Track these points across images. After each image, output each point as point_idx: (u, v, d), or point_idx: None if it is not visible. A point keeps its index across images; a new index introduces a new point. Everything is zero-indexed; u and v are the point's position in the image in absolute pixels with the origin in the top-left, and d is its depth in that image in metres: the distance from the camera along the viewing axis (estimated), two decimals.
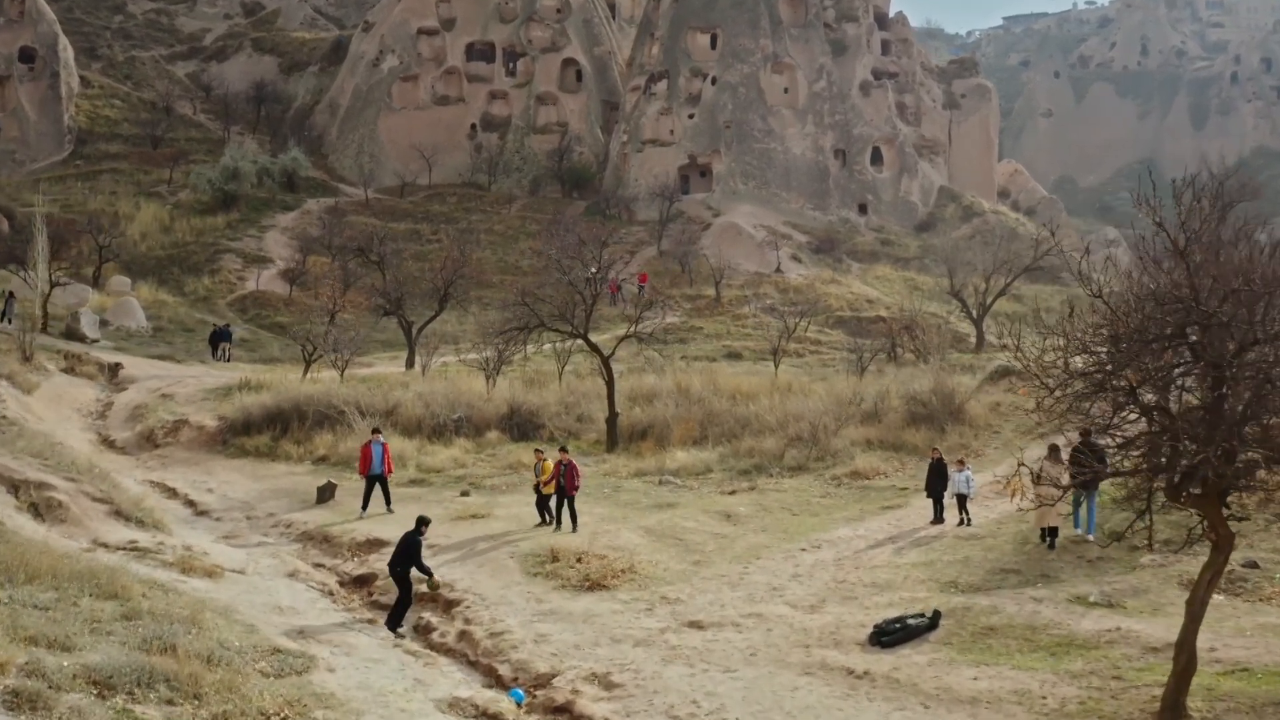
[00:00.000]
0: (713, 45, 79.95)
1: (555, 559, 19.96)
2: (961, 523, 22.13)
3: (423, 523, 18.13)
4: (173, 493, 28.14)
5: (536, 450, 25.00)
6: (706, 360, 53.21)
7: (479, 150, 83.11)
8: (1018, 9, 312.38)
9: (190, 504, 27.05)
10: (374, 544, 22.20)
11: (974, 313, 58.27)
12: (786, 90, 79.56)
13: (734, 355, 54.67)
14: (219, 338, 51.84)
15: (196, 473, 30.54)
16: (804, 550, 20.84)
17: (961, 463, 22.54)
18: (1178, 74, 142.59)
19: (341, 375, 39.40)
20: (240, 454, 32.45)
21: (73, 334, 50.67)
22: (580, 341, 34.11)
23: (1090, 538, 21.26)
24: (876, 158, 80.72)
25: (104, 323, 56.04)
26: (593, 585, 18.70)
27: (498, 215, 76.91)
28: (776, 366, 47.07)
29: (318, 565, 21.46)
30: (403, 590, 17.54)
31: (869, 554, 20.41)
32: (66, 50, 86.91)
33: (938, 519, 22.51)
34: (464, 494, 26.64)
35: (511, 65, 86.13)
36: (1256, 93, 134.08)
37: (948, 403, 30.74)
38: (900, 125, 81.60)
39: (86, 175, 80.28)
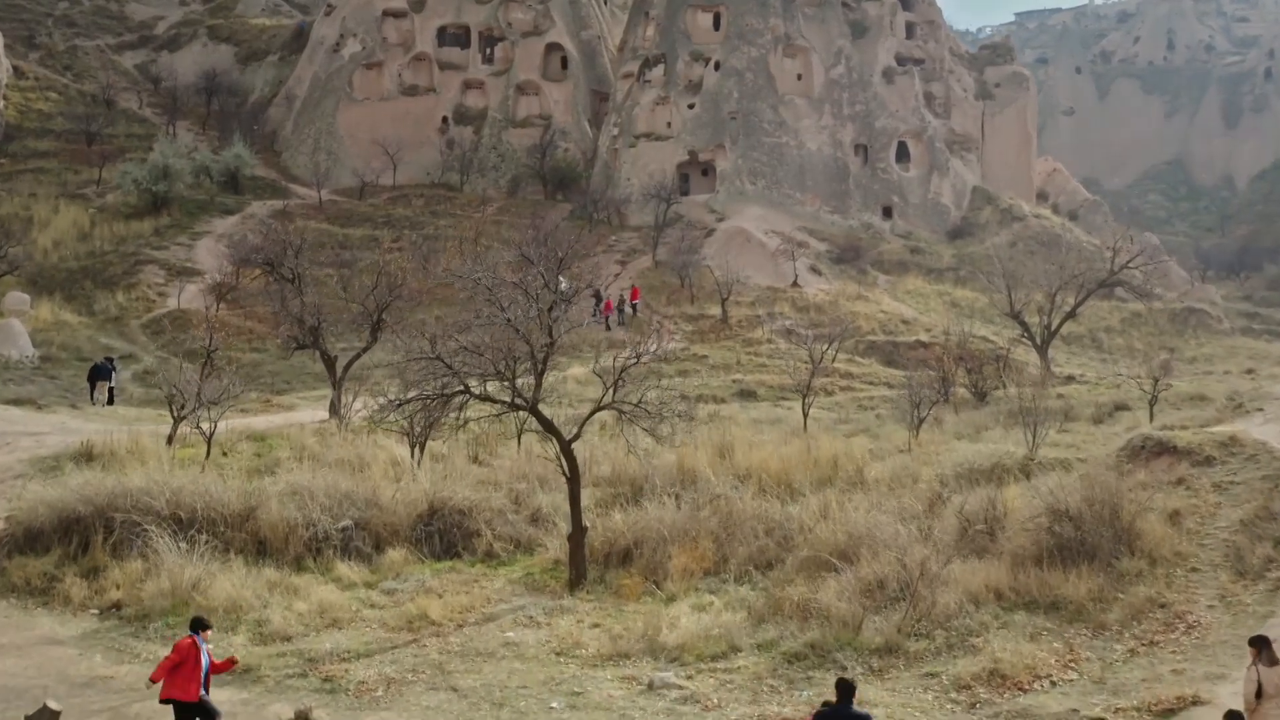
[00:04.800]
0: (716, 25, 67.76)
1: None
2: None
3: None
4: None
5: None
6: (713, 401, 41.06)
7: (451, 146, 70.87)
8: (1030, 4, 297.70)
9: None
10: None
11: (1037, 338, 46.07)
12: (800, 77, 67.39)
13: (747, 393, 42.51)
14: (98, 375, 39.64)
15: None
16: None
17: None
18: (1207, 70, 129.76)
19: (209, 445, 27.16)
20: (3, 590, 20.23)
21: None
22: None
23: None
24: (902, 154, 68.50)
25: None
26: None
27: (470, 220, 64.64)
28: (806, 415, 34.89)
29: None
30: None
31: None
32: None
33: None
34: (300, 716, 14.40)
35: (488, 51, 73.90)
36: None
37: (1109, 518, 18.53)
38: (929, 117, 69.38)
39: (7, 175, 68.29)
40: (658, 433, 19.98)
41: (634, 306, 52.52)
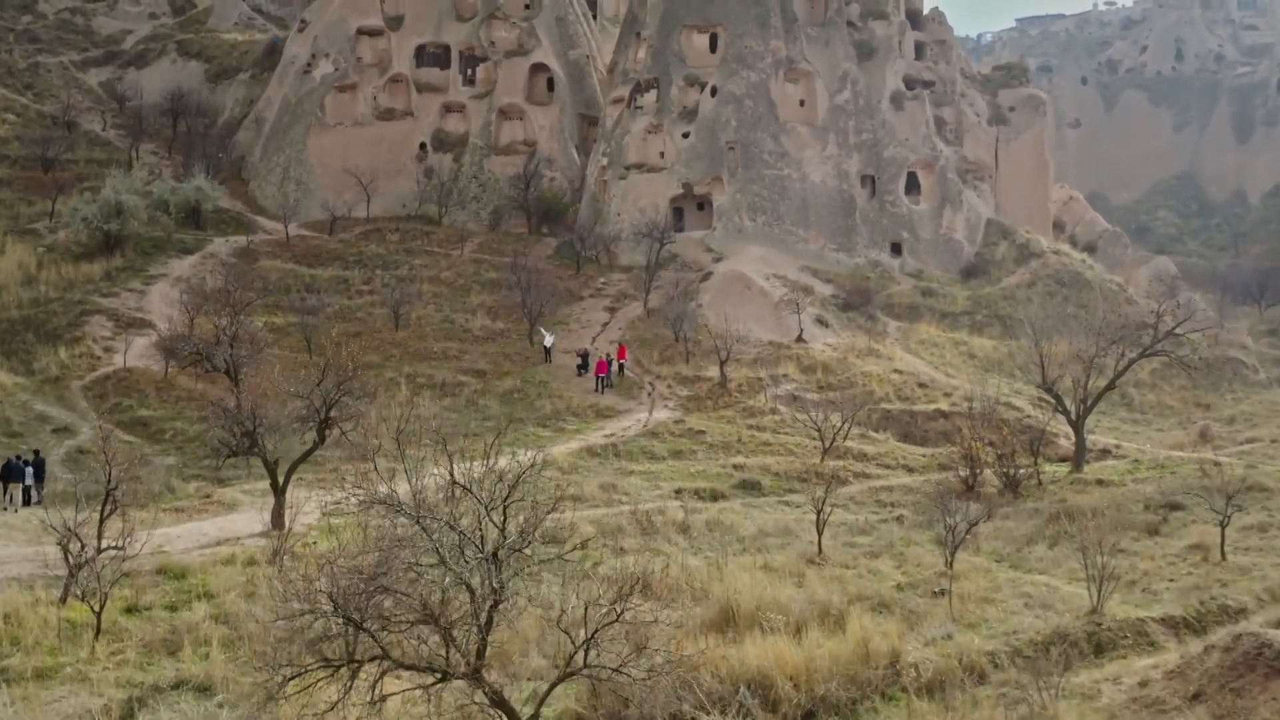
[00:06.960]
0: (712, 47, 62.20)
1: None
2: None
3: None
4: None
5: None
6: (712, 499, 35.64)
7: (429, 175, 65.34)
8: (1031, 10, 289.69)
9: None
10: None
11: (1072, 413, 40.51)
12: (803, 102, 61.88)
13: (750, 485, 37.01)
14: (9, 476, 33.72)
15: None
16: None
17: None
18: (1217, 80, 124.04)
19: (99, 619, 21.62)
20: None
21: None
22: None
23: None
24: (912, 185, 62.99)
25: None
26: None
27: (447, 258, 59.13)
28: (820, 533, 29.43)
29: None
30: None
31: None
32: None
33: None
34: None
35: (469, 72, 68.28)
36: None
37: None
38: (940, 145, 63.86)
39: None
40: (647, 710, 14.54)
41: (621, 366, 47.16)
